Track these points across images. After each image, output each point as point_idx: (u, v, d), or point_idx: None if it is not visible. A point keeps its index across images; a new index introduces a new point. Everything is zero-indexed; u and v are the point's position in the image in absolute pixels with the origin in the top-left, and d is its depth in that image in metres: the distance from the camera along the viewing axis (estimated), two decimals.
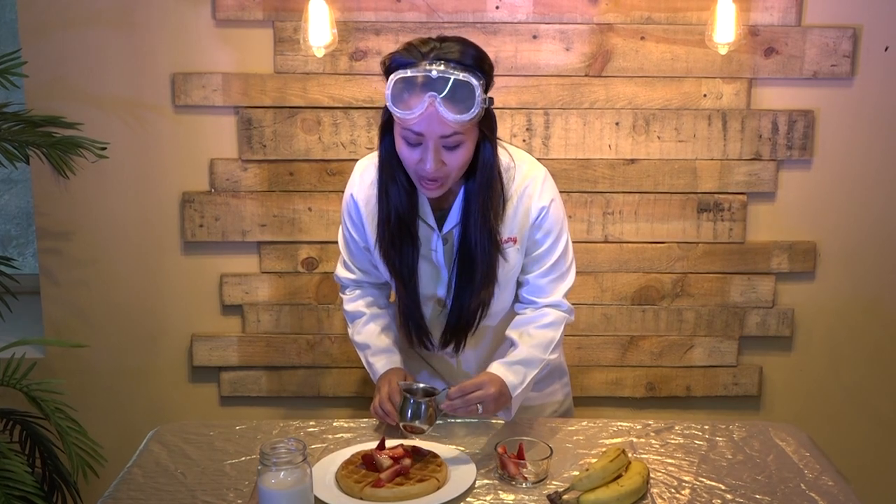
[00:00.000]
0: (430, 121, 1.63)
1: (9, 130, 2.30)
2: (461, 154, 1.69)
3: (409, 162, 1.71)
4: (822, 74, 2.51)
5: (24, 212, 3.30)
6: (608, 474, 1.60)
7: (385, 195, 1.79)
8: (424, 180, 1.71)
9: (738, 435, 1.85)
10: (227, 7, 2.45)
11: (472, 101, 1.63)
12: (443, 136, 1.65)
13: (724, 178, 2.56)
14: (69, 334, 2.62)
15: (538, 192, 1.83)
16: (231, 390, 2.69)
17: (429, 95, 1.61)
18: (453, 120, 1.62)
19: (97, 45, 2.48)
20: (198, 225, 2.58)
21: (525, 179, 1.83)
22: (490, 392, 1.72)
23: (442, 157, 1.67)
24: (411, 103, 1.63)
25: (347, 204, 1.90)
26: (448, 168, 1.69)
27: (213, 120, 2.53)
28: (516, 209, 1.82)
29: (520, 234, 1.83)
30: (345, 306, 2.01)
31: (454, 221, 1.82)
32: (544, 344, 1.84)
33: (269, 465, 1.41)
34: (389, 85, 1.65)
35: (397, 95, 1.64)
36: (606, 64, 2.50)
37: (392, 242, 1.81)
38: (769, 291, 2.64)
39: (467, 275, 1.81)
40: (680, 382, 2.69)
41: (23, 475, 2.08)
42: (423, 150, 1.66)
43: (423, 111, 1.62)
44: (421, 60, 1.64)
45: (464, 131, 1.66)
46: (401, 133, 1.69)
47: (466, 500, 1.60)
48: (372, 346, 1.93)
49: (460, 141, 1.67)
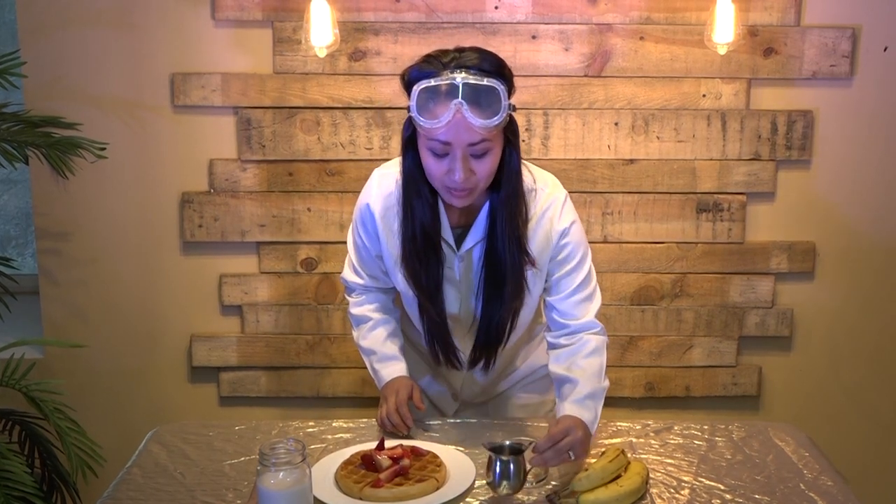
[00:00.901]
0: (457, 129, 1.60)
1: (8, 131, 2.30)
2: (489, 162, 1.66)
3: (436, 174, 1.67)
4: (821, 74, 2.51)
5: (24, 212, 3.30)
6: (607, 474, 1.60)
7: (410, 211, 1.75)
8: (453, 191, 1.67)
9: (738, 435, 1.85)
10: (227, 7, 2.45)
11: (498, 106, 1.61)
12: (471, 144, 1.62)
13: (723, 179, 2.56)
14: (68, 334, 2.61)
15: (559, 214, 1.80)
16: (230, 390, 2.69)
17: (455, 103, 1.59)
18: (480, 125, 1.60)
19: (96, 46, 2.48)
20: (197, 225, 2.58)
21: (547, 201, 1.80)
22: (578, 436, 1.63)
23: (470, 166, 1.64)
24: (437, 112, 1.60)
25: (362, 213, 1.85)
26: (477, 177, 1.66)
27: (212, 120, 2.53)
28: (535, 231, 1.79)
29: (539, 257, 1.79)
30: (351, 310, 1.99)
31: (477, 237, 1.78)
32: (598, 372, 1.78)
33: (268, 466, 1.41)
34: (414, 96, 1.63)
35: (422, 106, 1.62)
36: (605, 64, 2.50)
37: (419, 259, 1.77)
38: (768, 291, 2.64)
39: (495, 288, 1.78)
40: (679, 382, 2.69)
41: (22, 475, 2.08)
42: (451, 160, 1.63)
43: (451, 119, 1.59)
44: (442, 70, 1.63)
45: (491, 138, 1.63)
46: (427, 145, 1.66)
47: (466, 500, 1.60)
48: (378, 352, 1.92)
49: (488, 148, 1.64)
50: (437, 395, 2.05)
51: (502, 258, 1.75)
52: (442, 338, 1.85)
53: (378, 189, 1.83)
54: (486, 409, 2.06)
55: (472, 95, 1.59)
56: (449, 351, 1.87)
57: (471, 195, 1.69)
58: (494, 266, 1.76)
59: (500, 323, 1.81)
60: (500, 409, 2.06)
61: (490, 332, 1.82)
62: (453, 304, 1.85)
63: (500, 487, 1.57)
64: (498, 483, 1.56)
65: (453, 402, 2.06)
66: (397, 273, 1.83)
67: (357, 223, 1.88)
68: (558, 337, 1.84)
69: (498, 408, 2.06)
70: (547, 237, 1.79)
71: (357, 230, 1.89)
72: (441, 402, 2.06)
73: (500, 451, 1.57)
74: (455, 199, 1.69)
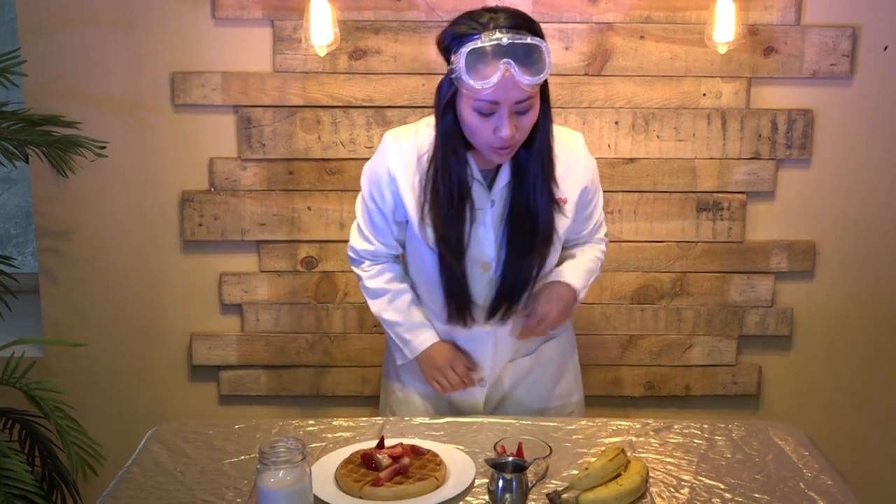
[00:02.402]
0: (506, 88, 1.65)
1: (8, 129, 2.30)
2: (531, 117, 1.73)
3: (482, 132, 1.71)
4: (821, 74, 2.51)
5: (24, 211, 3.30)
6: (607, 473, 1.60)
7: (447, 170, 1.79)
8: (498, 148, 1.72)
9: (737, 434, 1.85)
10: (227, 6, 2.45)
11: (542, 63, 1.66)
12: (517, 102, 1.68)
13: (723, 178, 2.56)
14: (68, 333, 2.62)
15: (582, 159, 1.91)
16: (230, 389, 2.69)
17: (503, 63, 1.63)
18: (528, 83, 1.65)
19: (96, 44, 2.48)
20: (197, 224, 2.58)
21: (569, 146, 1.89)
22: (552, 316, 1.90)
23: (515, 122, 1.70)
24: (487, 73, 1.64)
25: (379, 177, 1.86)
26: (520, 134, 1.73)
27: (212, 119, 2.53)
28: (566, 172, 1.87)
29: (570, 195, 1.89)
30: (366, 283, 1.97)
31: (504, 181, 1.83)
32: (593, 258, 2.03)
33: (268, 464, 1.41)
34: (462, 58, 1.65)
35: (471, 66, 1.65)
36: (606, 63, 2.50)
37: (457, 216, 1.81)
38: (768, 290, 2.64)
39: (521, 237, 1.83)
40: (679, 381, 2.69)
41: (22, 474, 2.08)
42: (498, 119, 1.68)
43: (500, 79, 1.63)
44: (483, 31, 1.67)
45: (534, 94, 1.70)
46: (473, 105, 1.69)
47: (465, 499, 1.60)
48: (404, 322, 1.94)
49: (531, 105, 1.71)
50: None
51: (532, 207, 1.82)
52: (461, 289, 1.87)
53: (396, 150, 1.85)
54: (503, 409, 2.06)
55: (519, 54, 1.64)
56: (464, 304, 1.88)
57: (513, 151, 1.76)
58: (523, 213, 1.82)
59: (527, 270, 1.86)
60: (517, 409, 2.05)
61: (517, 281, 1.86)
62: (482, 250, 1.86)
63: (501, 501, 1.54)
64: (500, 500, 1.54)
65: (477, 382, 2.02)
66: (425, 229, 1.84)
67: (370, 189, 1.89)
68: None
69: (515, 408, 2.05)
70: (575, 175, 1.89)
71: (371, 197, 1.89)
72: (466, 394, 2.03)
73: (502, 468, 1.55)
74: (498, 156, 1.75)
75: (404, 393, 2.07)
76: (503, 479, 1.53)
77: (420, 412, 2.03)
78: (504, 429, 1.86)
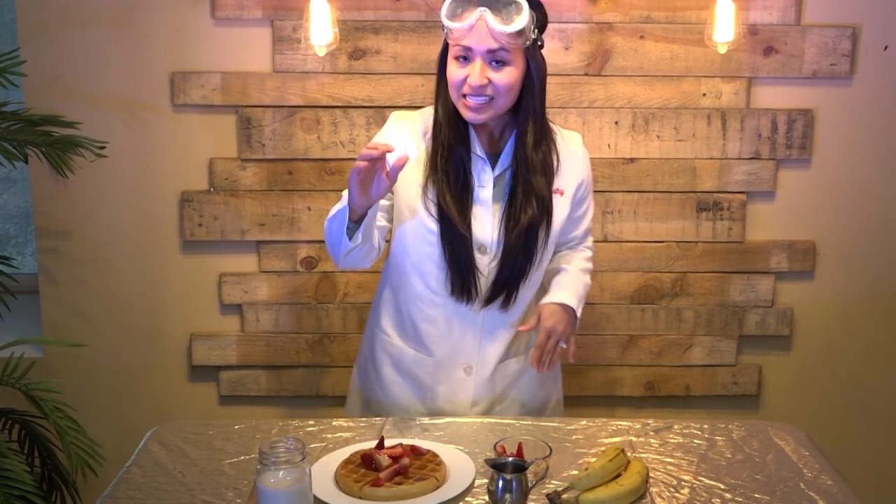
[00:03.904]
0: (479, 35, 1.75)
1: (7, 129, 2.30)
2: (506, 75, 1.78)
3: (456, 81, 1.80)
4: (821, 74, 2.51)
5: (23, 211, 3.30)
6: (607, 473, 1.60)
7: (444, 125, 1.86)
8: (469, 98, 1.79)
9: (738, 434, 1.85)
10: (226, 6, 2.45)
11: (519, 16, 1.75)
12: (490, 51, 1.76)
13: (723, 178, 2.56)
14: (68, 334, 2.61)
15: (580, 158, 1.99)
16: (230, 389, 2.69)
17: (480, 9, 1.74)
18: (501, 31, 1.74)
19: (96, 45, 2.48)
20: (197, 224, 2.57)
21: (569, 143, 1.97)
22: (559, 330, 1.90)
23: (487, 74, 1.77)
24: (463, 17, 1.76)
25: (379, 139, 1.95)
26: (493, 87, 1.78)
27: (211, 119, 2.53)
28: (564, 165, 1.94)
29: (567, 189, 1.95)
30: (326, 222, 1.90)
31: (506, 162, 1.89)
32: (583, 268, 2.06)
33: (268, 465, 1.41)
34: (446, 3, 1.78)
35: (451, 11, 1.78)
36: (605, 63, 2.50)
37: (447, 173, 1.86)
38: (768, 290, 2.64)
39: (520, 222, 1.86)
40: (679, 382, 2.69)
41: (22, 474, 2.08)
42: (471, 67, 1.78)
43: (473, 24, 1.75)
44: None
45: (511, 50, 1.77)
46: (452, 52, 1.81)
47: (465, 499, 1.60)
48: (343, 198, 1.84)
49: (506, 59, 1.78)
50: (450, 389, 2.02)
51: (529, 181, 1.86)
52: (464, 262, 1.87)
53: (398, 127, 1.95)
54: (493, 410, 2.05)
55: (496, 4, 1.75)
56: (466, 278, 1.88)
57: (485, 110, 1.81)
58: (523, 190, 1.87)
59: (525, 257, 1.89)
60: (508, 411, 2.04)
61: (515, 267, 1.89)
62: (483, 231, 1.89)
63: (501, 501, 1.54)
64: (500, 500, 1.54)
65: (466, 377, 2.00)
66: (427, 203, 1.87)
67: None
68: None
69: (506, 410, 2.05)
70: (572, 172, 1.96)
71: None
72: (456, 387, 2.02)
73: (502, 468, 1.55)
74: (470, 110, 1.81)
75: (387, 393, 2.05)
76: (503, 480, 1.53)
77: (405, 412, 2.02)
78: (504, 429, 1.86)
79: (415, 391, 2.02)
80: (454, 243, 1.87)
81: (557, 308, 1.93)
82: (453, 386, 2.00)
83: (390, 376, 2.04)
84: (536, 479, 1.63)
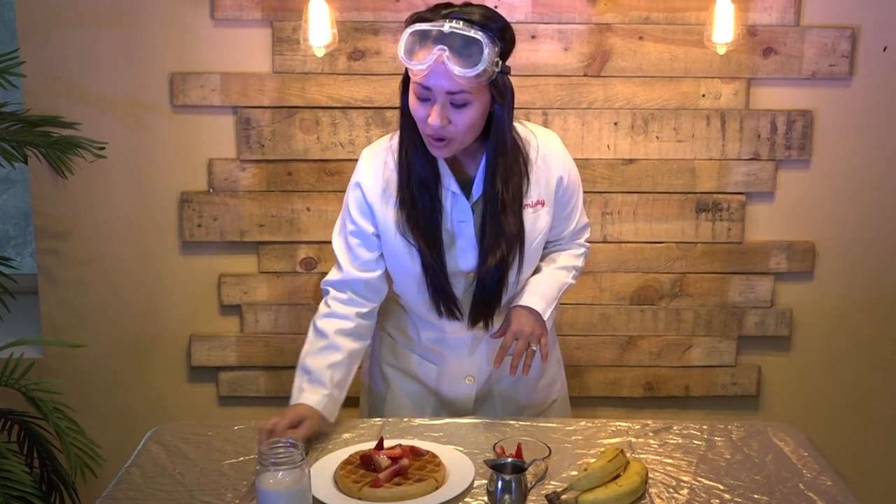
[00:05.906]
0: (437, 74, 1.67)
1: (7, 130, 2.30)
2: (467, 114, 1.71)
3: (419, 117, 1.74)
4: (820, 74, 2.51)
5: (23, 212, 3.30)
6: (606, 474, 1.60)
7: (406, 155, 1.81)
8: (431, 138, 1.73)
9: (737, 435, 1.85)
10: (226, 7, 2.45)
11: (478, 58, 1.65)
12: (450, 92, 1.68)
13: (722, 178, 2.56)
14: (67, 334, 2.61)
15: (560, 156, 1.90)
16: (229, 390, 2.69)
17: (438, 48, 1.65)
18: (460, 73, 1.65)
19: (95, 45, 2.48)
20: (196, 225, 2.57)
21: (545, 146, 1.89)
22: (526, 332, 1.84)
23: (448, 115, 1.70)
24: (421, 55, 1.67)
25: (355, 193, 1.89)
26: (454, 128, 1.71)
27: (211, 120, 2.53)
28: (539, 174, 1.87)
29: (547, 197, 1.89)
30: (316, 320, 1.90)
31: (479, 190, 1.83)
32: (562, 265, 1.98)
33: (267, 465, 1.41)
34: (403, 37, 1.70)
35: (409, 48, 1.69)
36: (605, 64, 2.50)
37: (413, 204, 1.81)
38: (768, 291, 2.64)
39: (493, 239, 1.82)
40: (678, 382, 2.69)
41: (21, 475, 2.08)
42: (431, 107, 1.70)
43: (432, 63, 1.66)
44: (437, 18, 1.69)
45: (471, 90, 1.68)
46: (412, 88, 1.73)
47: (464, 500, 1.60)
48: (312, 372, 1.84)
49: (467, 100, 1.70)
50: (451, 387, 2.03)
51: (499, 209, 1.81)
52: (443, 289, 1.86)
53: (367, 167, 1.88)
54: (493, 409, 2.05)
55: (455, 44, 1.65)
56: (449, 301, 1.87)
57: (448, 147, 1.74)
58: (494, 216, 1.82)
59: (499, 275, 1.84)
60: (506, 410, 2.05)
61: (487, 285, 1.85)
62: (461, 259, 1.86)
63: (500, 501, 1.54)
64: (499, 501, 1.53)
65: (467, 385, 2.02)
66: (397, 238, 1.84)
67: (349, 204, 1.90)
68: None
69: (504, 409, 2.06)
70: (550, 178, 1.88)
71: (348, 213, 1.89)
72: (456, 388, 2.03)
73: (501, 469, 1.54)
74: (433, 148, 1.75)
75: (391, 393, 2.06)
76: (502, 480, 1.53)
77: (409, 412, 2.03)
78: (503, 430, 1.86)
79: (419, 392, 2.04)
80: (430, 273, 1.85)
81: (524, 311, 1.88)
82: (456, 392, 2.03)
83: (395, 376, 2.06)
84: (536, 480, 1.63)
